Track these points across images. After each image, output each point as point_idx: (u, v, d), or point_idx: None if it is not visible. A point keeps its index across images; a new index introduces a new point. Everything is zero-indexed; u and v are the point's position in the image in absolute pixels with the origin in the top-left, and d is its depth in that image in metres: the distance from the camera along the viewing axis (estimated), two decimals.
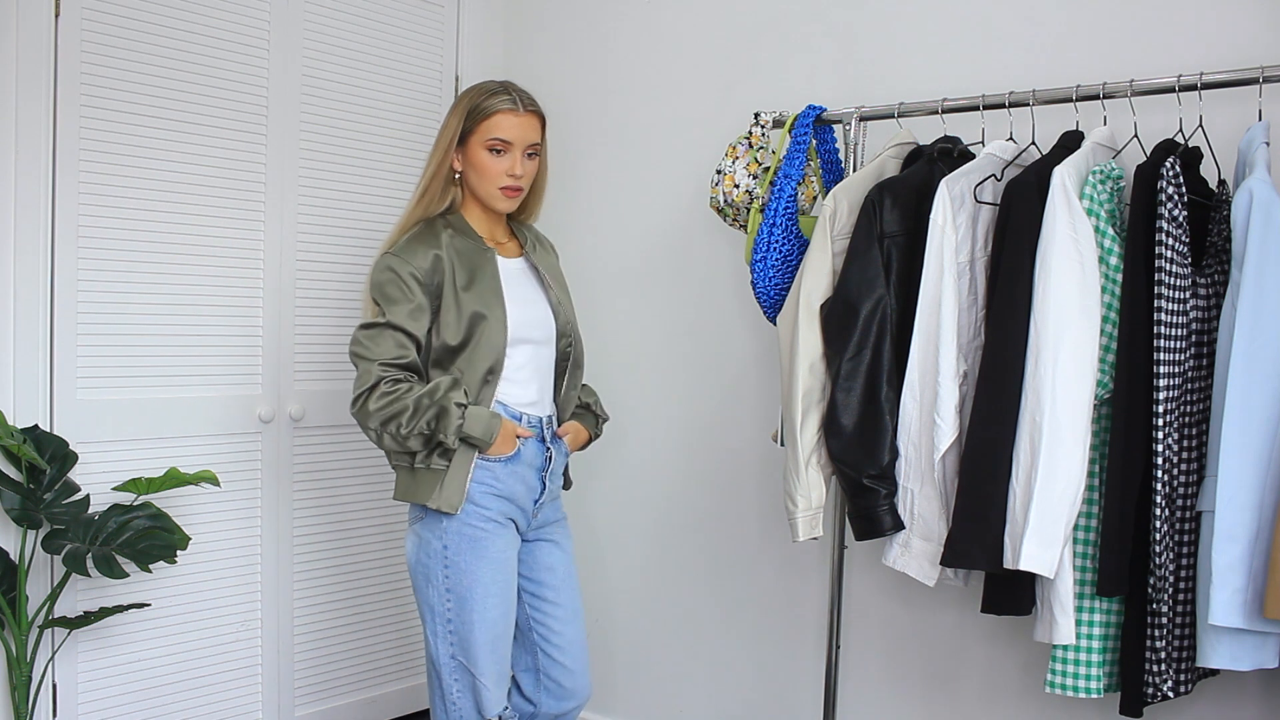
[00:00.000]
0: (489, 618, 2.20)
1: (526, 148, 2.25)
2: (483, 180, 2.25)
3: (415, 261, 2.18)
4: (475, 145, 2.23)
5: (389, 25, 3.21)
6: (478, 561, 2.19)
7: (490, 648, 2.21)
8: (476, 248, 2.26)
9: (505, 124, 2.21)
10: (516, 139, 2.22)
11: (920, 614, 2.67)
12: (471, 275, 2.21)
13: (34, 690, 2.52)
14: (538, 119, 2.27)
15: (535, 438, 2.26)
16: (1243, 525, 1.85)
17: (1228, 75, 1.99)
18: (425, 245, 2.20)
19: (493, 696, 2.23)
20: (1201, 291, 2.02)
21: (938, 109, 2.32)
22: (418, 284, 2.17)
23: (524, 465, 2.25)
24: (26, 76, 2.51)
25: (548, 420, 2.31)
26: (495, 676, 2.23)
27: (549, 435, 2.31)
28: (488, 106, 2.22)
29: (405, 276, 2.16)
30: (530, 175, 2.29)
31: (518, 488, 2.25)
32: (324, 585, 3.15)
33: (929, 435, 2.13)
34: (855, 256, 2.19)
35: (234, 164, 2.89)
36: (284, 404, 3.01)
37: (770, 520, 2.91)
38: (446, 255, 2.20)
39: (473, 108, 2.23)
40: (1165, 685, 1.98)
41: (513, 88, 2.26)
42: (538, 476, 2.28)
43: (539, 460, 2.28)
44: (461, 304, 2.18)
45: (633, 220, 3.22)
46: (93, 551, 2.43)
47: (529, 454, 2.26)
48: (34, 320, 2.56)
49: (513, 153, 2.23)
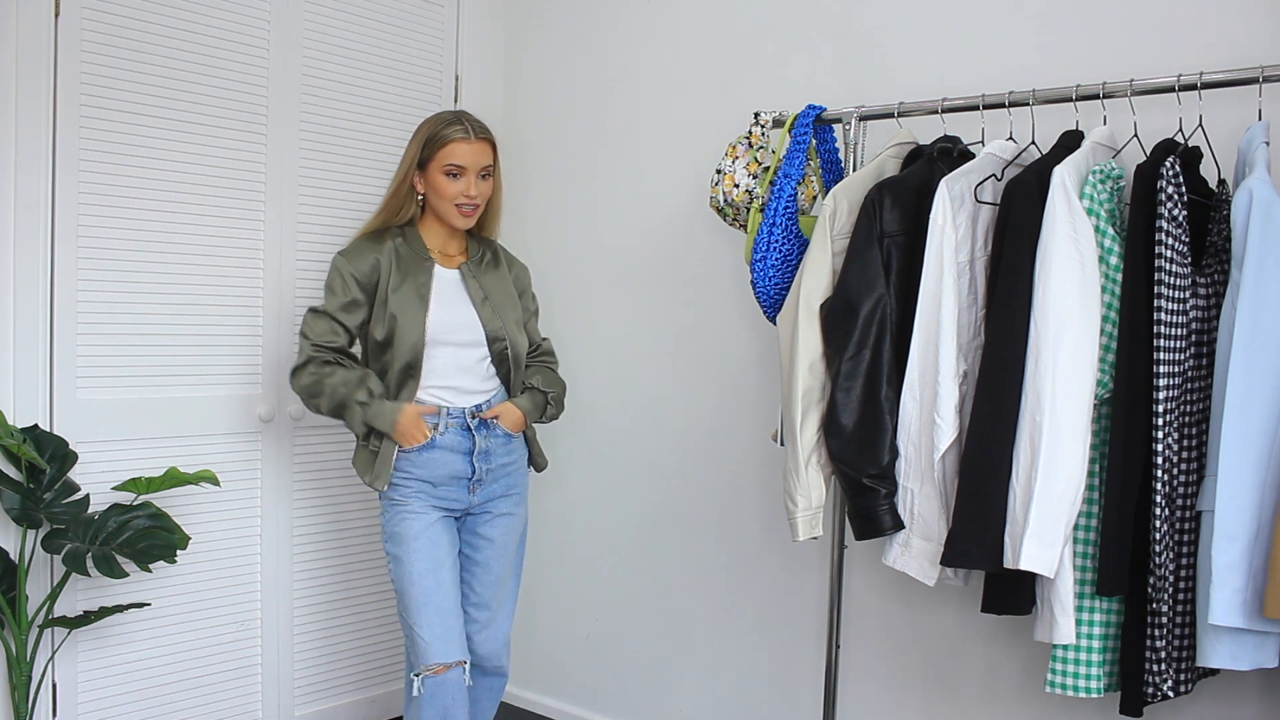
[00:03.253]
0: (416, 571, 2.45)
1: (479, 170, 2.51)
2: (441, 200, 2.51)
3: (355, 263, 2.50)
4: (434, 170, 2.49)
5: (389, 25, 3.21)
6: (402, 527, 2.48)
7: (422, 602, 2.44)
8: (418, 257, 2.54)
9: (459, 151, 2.47)
10: (470, 163, 2.49)
11: (920, 614, 2.67)
12: (403, 281, 2.50)
13: (34, 690, 2.52)
14: (489, 145, 2.53)
15: (458, 425, 2.50)
16: (1242, 525, 1.85)
17: (1228, 75, 1.99)
18: (369, 250, 2.51)
19: (430, 649, 2.43)
20: (1201, 291, 2.02)
21: (938, 109, 2.32)
22: (355, 283, 2.49)
23: (444, 451, 2.50)
24: (26, 76, 2.51)
25: (473, 410, 2.53)
26: (433, 630, 2.44)
27: (474, 423, 2.52)
28: (444, 135, 2.48)
29: (346, 275, 2.50)
30: (485, 194, 2.56)
31: (437, 471, 2.50)
32: (324, 585, 3.15)
33: (929, 435, 2.13)
34: (855, 256, 2.19)
35: (234, 164, 2.89)
36: (284, 404, 3.01)
37: (770, 520, 2.91)
38: (386, 260, 2.50)
39: (430, 136, 2.49)
40: (1165, 685, 1.98)
41: (465, 117, 2.52)
42: (465, 460, 2.52)
43: (464, 446, 2.52)
44: (389, 306, 2.47)
45: (633, 220, 3.21)
46: (92, 551, 2.43)
47: (450, 440, 2.50)
48: (34, 320, 2.56)
49: (467, 176, 2.49)
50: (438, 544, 2.51)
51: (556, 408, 2.72)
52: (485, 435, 2.54)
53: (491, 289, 2.60)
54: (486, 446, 2.54)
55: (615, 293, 3.24)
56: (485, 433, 2.54)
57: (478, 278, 2.59)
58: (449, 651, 2.44)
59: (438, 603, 2.47)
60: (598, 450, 3.31)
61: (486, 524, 2.60)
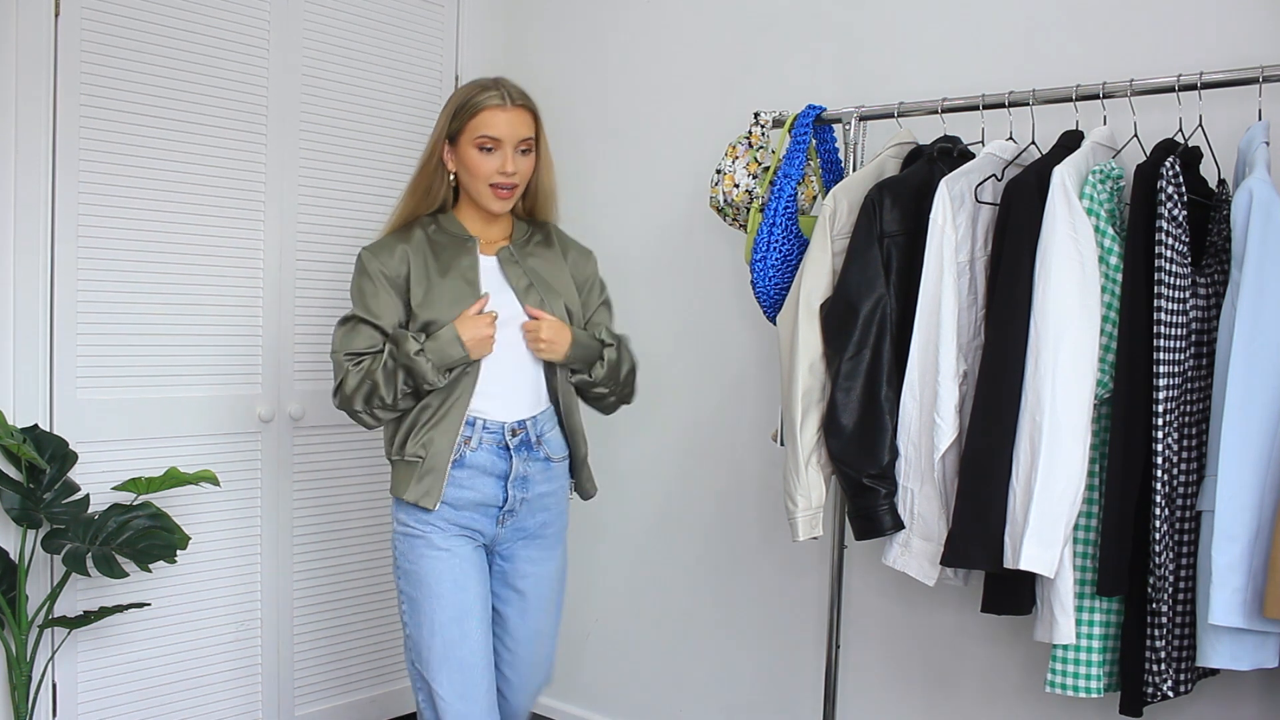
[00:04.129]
0: (439, 621, 2.10)
1: (518, 143, 2.17)
2: (474, 180, 2.18)
3: (381, 257, 2.17)
4: (465, 144, 2.16)
5: (389, 25, 3.21)
6: (422, 565, 2.13)
7: (444, 656, 2.10)
8: (457, 239, 2.21)
9: (493, 120, 2.13)
10: (506, 135, 2.15)
11: (920, 614, 2.67)
12: (446, 271, 2.16)
13: (34, 690, 2.52)
14: (529, 114, 2.19)
15: (495, 443, 2.15)
16: (1242, 525, 1.85)
17: (1228, 75, 1.99)
18: (395, 242, 2.19)
19: (452, 710, 2.10)
20: (1201, 291, 2.02)
21: (938, 109, 2.32)
22: (384, 279, 2.16)
23: (474, 472, 2.15)
24: (26, 76, 2.51)
25: (513, 427, 2.17)
26: (456, 690, 2.10)
27: (513, 442, 2.17)
28: (475, 103, 2.14)
29: (373, 273, 2.16)
30: (525, 172, 2.21)
31: (462, 495, 2.14)
32: (324, 585, 3.15)
33: (929, 435, 2.13)
34: (855, 256, 2.19)
35: (234, 164, 2.89)
36: (284, 404, 3.01)
37: (770, 520, 2.91)
38: (418, 252, 2.17)
39: (461, 105, 2.16)
40: (1165, 685, 1.98)
41: (503, 83, 2.18)
42: (498, 484, 2.16)
43: (498, 467, 2.16)
44: (430, 304, 2.14)
45: (633, 220, 3.21)
46: (92, 551, 2.43)
47: (482, 459, 2.15)
48: (34, 320, 2.56)
49: (503, 150, 2.15)
50: (465, 588, 2.13)
51: (607, 372, 2.27)
52: (525, 458, 2.18)
53: (539, 275, 2.24)
54: (525, 471, 2.18)
55: (615, 293, 3.22)
56: (525, 455, 2.18)
57: (520, 262, 2.23)
58: (476, 714, 2.11)
59: (462, 657, 2.11)
60: (597, 450, 3.30)
61: (519, 576, 2.25)
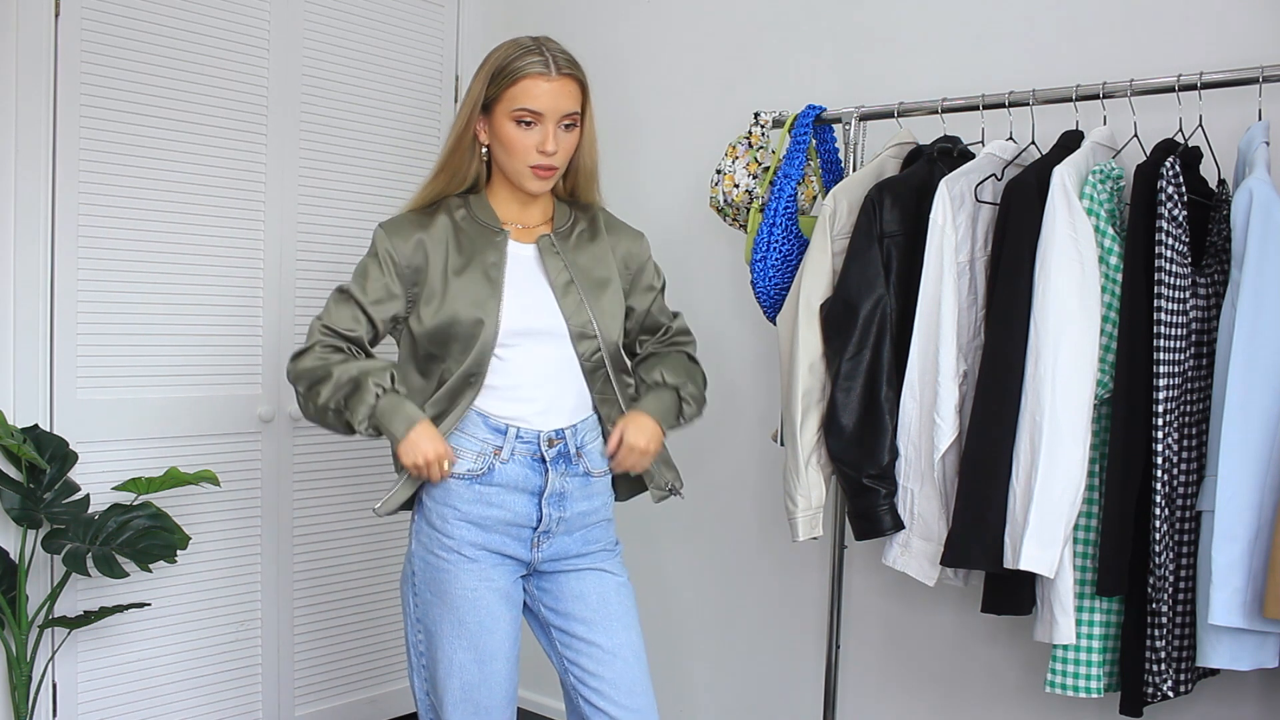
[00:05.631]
0: (458, 661, 1.88)
1: (561, 118, 1.88)
2: (510, 157, 1.90)
3: (395, 241, 1.93)
4: (500, 115, 1.88)
5: (389, 25, 3.21)
6: (440, 598, 1.89)
7: (463, 698, 1.89)
8: (486, 230, 1.95)
9: (535, 90, 1.84)
10: (548, 109, 1.86)
11: (920, 614, 2.67)
12: (466, 263, 1.91)
13: (34, 690, 2.52)
14: (576, 84, 1.90)
15: (528, 454, 1.90)
16: (1242, 525, 1.85)
17: (1228, 75, 1.99)
18: (414, 225, 1.95)
19: None
20: (1201, 291, 2.02)
21: (938, 109, 2.32)
22: (392, 264, 1.92)
23: (502, 489, 1.89)
24: (26, 76, 2.51)
25: (550, 437, 1.92)
26: None
27: (550, 453, 1.91)
28: (515, 68, 1.86)
29: (382, 256, 1.93)
30: (567, 151, 1.93)
31: (488, 513, 1.88)
32: (324, 585, 3.15)
33: (929, 435, 2.13)
34: (855, 256, 2.19)
35: (234, 164, 2.89)
36: (284, 404, 3.00)
37: (770, 520, 2.91)
38: (439, 240, 1.92)
39: (498, 70, 1.88)
40: (1165, 685, 1.98)
41: (547, 45, 1.89)
42: (532, 502, 1.91)
43: (533, 483, 1.90)
44: (444, 300, 1.89)
45: (632, 220, 3.20)
46: (93, 551, 2.43)
47: (513, 473, 1.89)
48: (34, 320, 2.56)
49: (544, 124, 1.87)
50: (494, 627, 1.89)
51: (695, 407, 2.07)
52: (563, 471, 1.91)
53: (581, 268, 1.98)
54: (562, 488, 1.92)
55: None
56: (563, 468, 1.91)
57: (562, 254, 1.97)
58: None
59: (480, 700, 1.90)
60: None
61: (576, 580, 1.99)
